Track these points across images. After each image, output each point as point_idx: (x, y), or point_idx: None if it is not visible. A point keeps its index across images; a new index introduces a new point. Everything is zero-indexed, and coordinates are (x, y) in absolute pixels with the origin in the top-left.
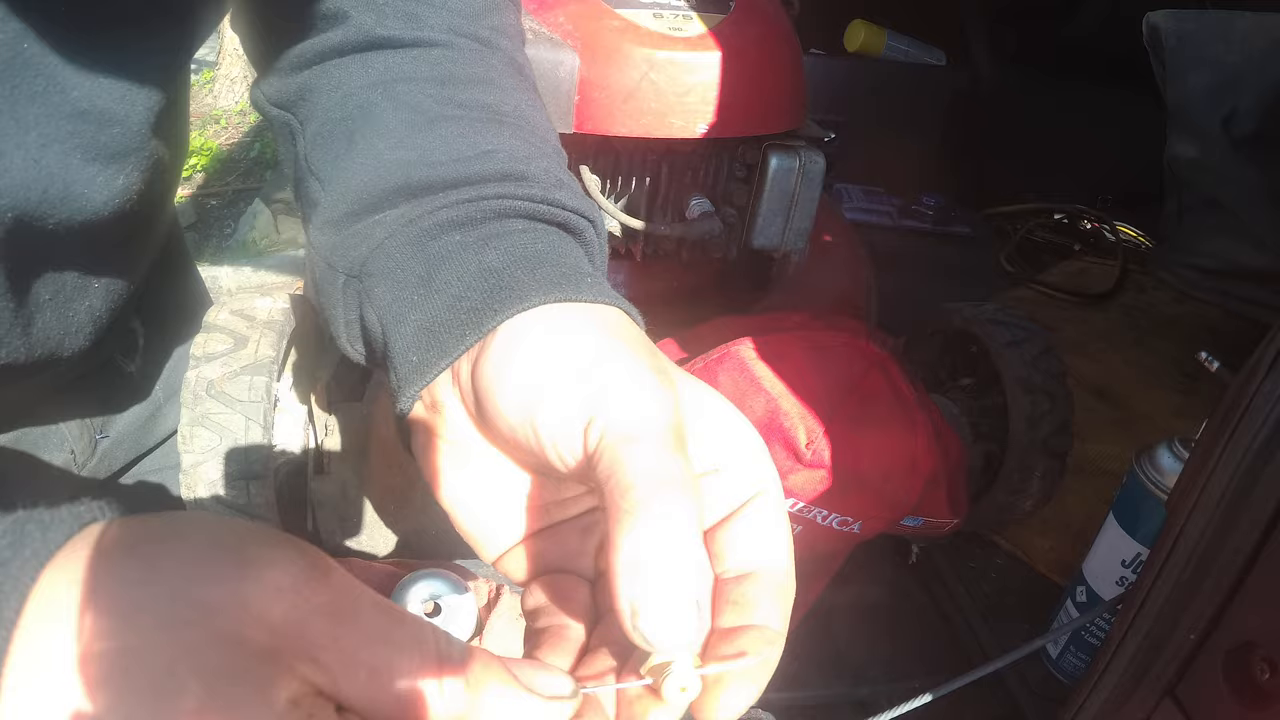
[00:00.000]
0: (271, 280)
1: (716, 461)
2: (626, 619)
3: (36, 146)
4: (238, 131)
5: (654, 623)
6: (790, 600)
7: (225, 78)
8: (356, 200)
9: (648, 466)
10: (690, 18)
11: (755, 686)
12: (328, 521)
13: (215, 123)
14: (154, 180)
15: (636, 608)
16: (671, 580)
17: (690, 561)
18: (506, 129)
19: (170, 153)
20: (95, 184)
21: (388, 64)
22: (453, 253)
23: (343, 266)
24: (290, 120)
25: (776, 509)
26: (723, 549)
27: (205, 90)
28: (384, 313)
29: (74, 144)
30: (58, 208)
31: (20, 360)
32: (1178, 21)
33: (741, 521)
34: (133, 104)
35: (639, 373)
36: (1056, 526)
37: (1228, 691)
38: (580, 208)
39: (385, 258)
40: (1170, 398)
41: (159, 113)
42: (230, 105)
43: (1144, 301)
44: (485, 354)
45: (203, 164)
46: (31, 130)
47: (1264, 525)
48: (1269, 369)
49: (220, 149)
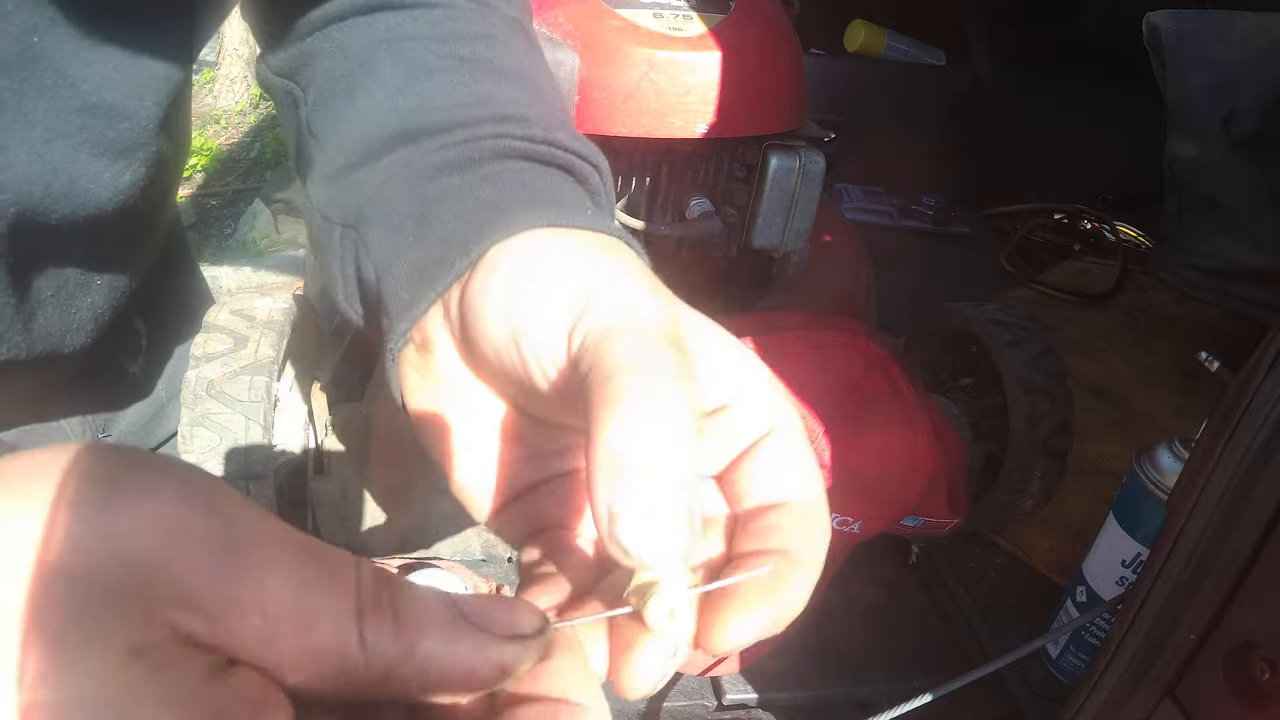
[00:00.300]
0: (271, 280)
1: (724, 398)
2: (603, 527)
3: (42, 141)
4: (238, 131)
5: (634, 530)
6: (823, 532)
7: (225, 78)
8: (353, 151)
9: (633, 356)
10: (690, 18)
11: (768, 613)
12: (328, 521)
13: (215, 123)
14: (158, 176)
15: (614, 512)
16: (657, 478)
17: (679, 457)
18: (507, 79)
19: (174, 149)
20: (101, 179)
21: (390, 24)
22: (448, 193)
23: (339, 218)
24: (293, 88)
25: (797, 442)
26: (739, 487)
27: (205, 90)
28: (379, 259)
29: (81, 139)
30: (61, 203)
31: (21, 356)
32: (1178, 21)
33: (758, 457)
34: (142, 99)
35: (632, 281)
36: (1056, 526)
37: (1228, 691)
38: (584, 151)
39: (381, 203)
40: (1170, 398)
41: (167, 108)
42: (230, 105)
43: (1144, 301)
44: (472, 278)
45: (203, 164)
46: (38, 124)
47: (1264, 525)
48: (1269, 369)
49: (220, 149)
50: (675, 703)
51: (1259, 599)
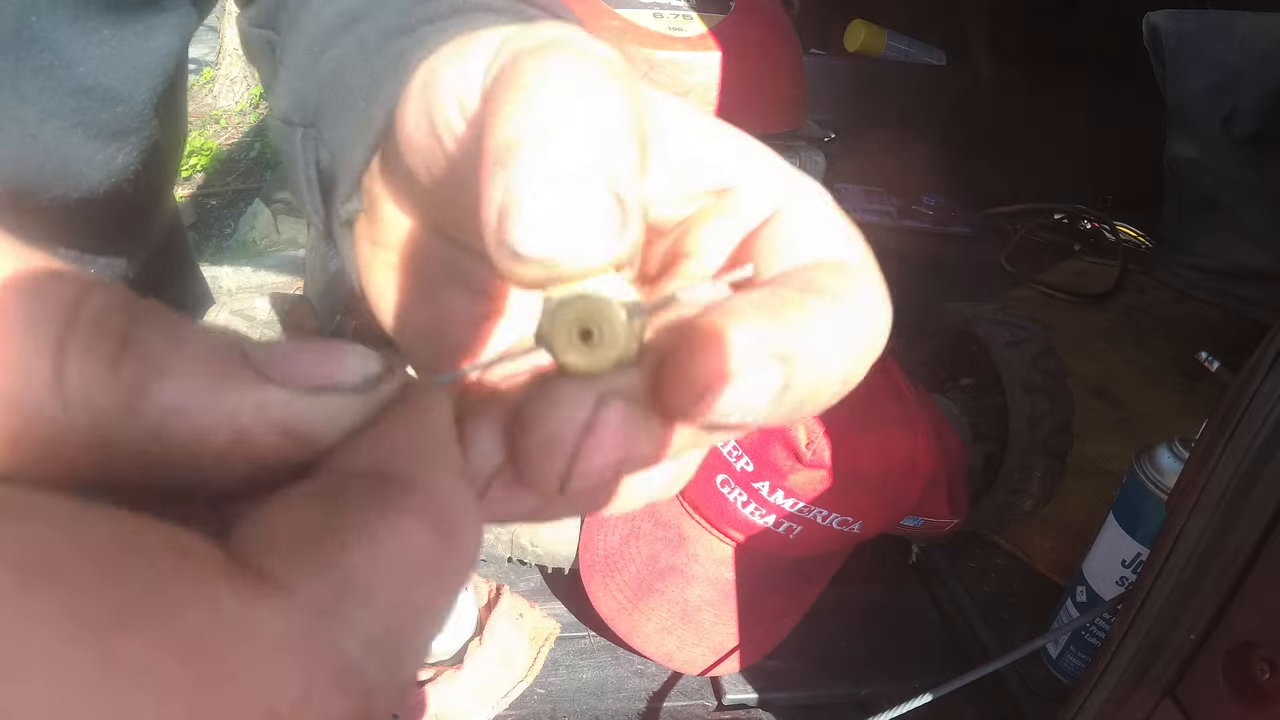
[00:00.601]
0: (271, 280)
1: (719, 181)
2: (492, 238)
3: (36, 121)
4: (238, 131)
5: (530, 218)
6: (875, 287)
7: (225, 78)
8: (310, 46)
9: (559, 69)
10: (690, 18)
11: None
12: None
13: (215, 123)
14: (152, 163)
15: (507, 203)
16: (566, 150)
17: (604, 130)
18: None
19: (169, 137)
20: (94, 162)
21: None
22: (399, 55)
23: (299, 119)
24: (269, 35)
25: (825, 208)
26: (757, 257)
27: (205, 90)
28: (333, 144)
29: (75, 120)
30: (53, 183)
31: None
32: (1178, 21)
33: (776, 226)
34: (138, 83)
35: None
36: (1056, 526)
37: (1228, 691)
38: (558, 11)
39: (333, 86)
40: (1170, 398)
41: (162, 93)
42: (230, 105)
43: (1144, 301)
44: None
45: (203, 164)
46: (33, 104)
47: (1264, 525)
48: (1269, 369)
49: (220, 149)
50: (675, 703)
51: (1259, 599)
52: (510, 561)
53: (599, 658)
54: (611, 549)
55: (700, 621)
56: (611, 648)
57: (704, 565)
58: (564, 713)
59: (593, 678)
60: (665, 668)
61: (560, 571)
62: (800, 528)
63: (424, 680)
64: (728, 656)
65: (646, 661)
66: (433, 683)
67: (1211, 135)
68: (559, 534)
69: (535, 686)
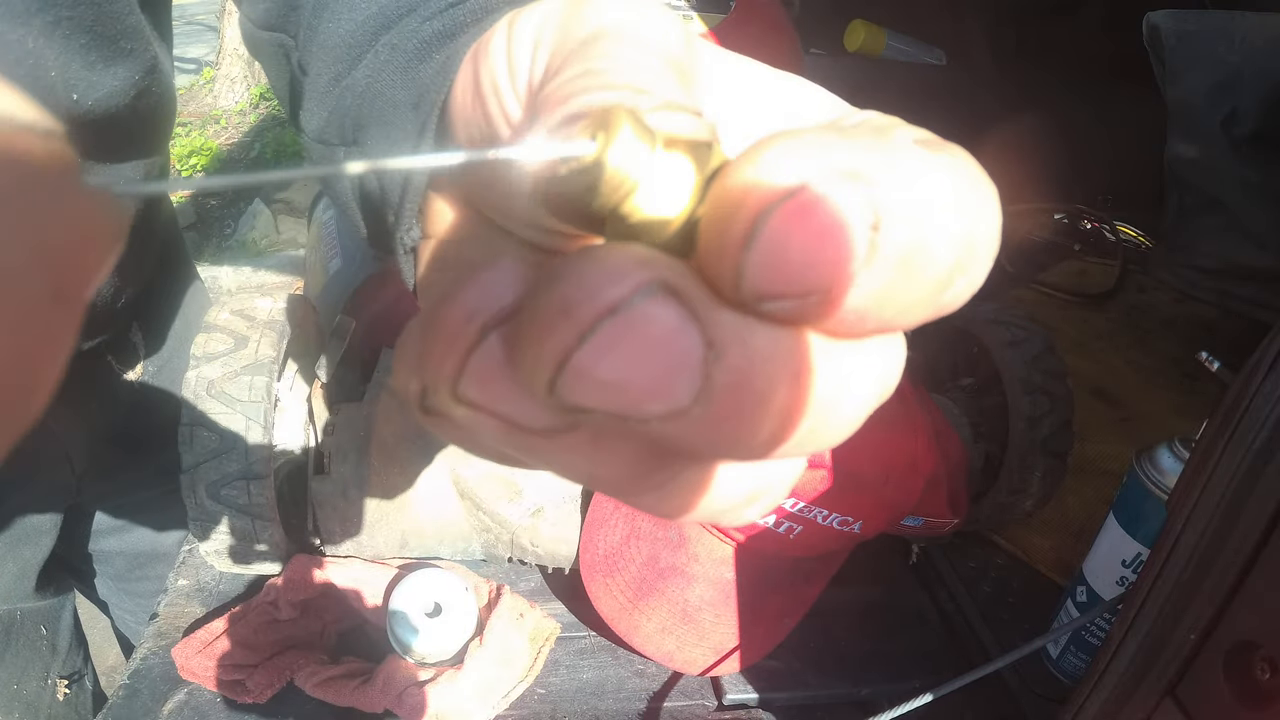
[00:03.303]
0: (271, 280)
1: (774, 126)
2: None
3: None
4: (238, 131)
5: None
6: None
7: (225, 78)
8: (337, 60)
9: (621, 46)
10: (690, 18)
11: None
12: (328, 521)
13: (215, 123)
14: (148, 91)
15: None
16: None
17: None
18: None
19: (160, 90)
20: (90, 79)
21: None
22: (443, 68)
23: (337, 138)
24: (283, 39)
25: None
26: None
27: (205, 90)
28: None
29: (74, 26)
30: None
31: None
32: (1178, 21)
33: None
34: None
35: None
36: (1056, 526)
37: (1228, 691)
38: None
39: (374, 100)
40: (1170, 398)
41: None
42: (230, 105)
43: (1144, 301)
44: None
45: (203, 164)
46: (35, 17)
47: (1264, 525)
48: (1269, 369)
49: (220, 149)
50: (675, 703)
51: (1259, 599)
52: (510, 561)
53: (599, 658)
54: (612, 549)
55: (700, 621)
56: (612, 648)
57: (704, 565)
58: (564, 713)
59: (593, 678)
60: (665, 668)
61: (560, 571)
62: (800, 528)
63: (424, 680)
64: (728, 656)
65: (647, 661)
66: (433, 683)
67: (1211, 135)
68: (559, 534)
69: (535, 687)
